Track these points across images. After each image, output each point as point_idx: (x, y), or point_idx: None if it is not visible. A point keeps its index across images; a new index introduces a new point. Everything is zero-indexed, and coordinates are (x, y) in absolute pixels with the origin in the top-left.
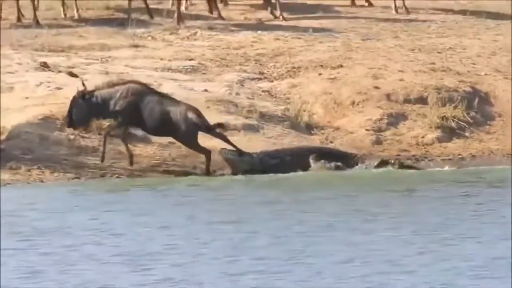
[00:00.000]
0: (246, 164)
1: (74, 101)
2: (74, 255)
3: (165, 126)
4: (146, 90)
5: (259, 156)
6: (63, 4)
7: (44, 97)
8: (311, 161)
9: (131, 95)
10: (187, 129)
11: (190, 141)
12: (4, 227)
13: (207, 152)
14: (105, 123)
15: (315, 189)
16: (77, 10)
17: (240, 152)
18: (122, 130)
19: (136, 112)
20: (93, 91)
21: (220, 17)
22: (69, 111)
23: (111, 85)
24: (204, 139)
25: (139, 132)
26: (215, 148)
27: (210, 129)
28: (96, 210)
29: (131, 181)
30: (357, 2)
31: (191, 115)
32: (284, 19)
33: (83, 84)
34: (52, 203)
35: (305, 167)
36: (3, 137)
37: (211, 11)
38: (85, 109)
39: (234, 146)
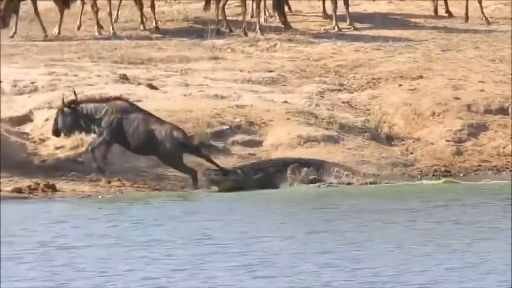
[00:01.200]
0: (232, 182)
1: (61, 110)
2: None
3: (149, 144)
4: (130, 108)
5: (243, 170)
6: (142, 16)
7: None
8: (288, 172)
9: (116, 112)
10: (172, 148)
11: (175, 161)
12: None
13: (193, 172)
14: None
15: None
16: (156, 22)
17: (224, 172)
18: (105, 146)
19: (120, 130)
20: (80, 102)
21: (287, 26)
22: (55, 120)
23: (97, 100)
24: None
25: (219, 143)
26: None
27: (196, 150)
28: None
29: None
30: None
31: (176, 134)
32: (339, 29)
33: (75, 94)
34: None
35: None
36: (83, 149)
37: (286, 26)
38: (71, 118)
39: (218, 166)
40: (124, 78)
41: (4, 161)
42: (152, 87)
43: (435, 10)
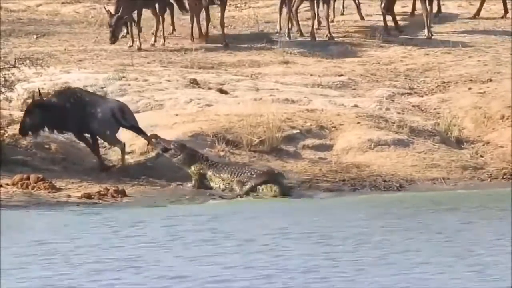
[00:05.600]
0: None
1: (28, 109)
2: None
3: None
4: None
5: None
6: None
7: (194, 114)
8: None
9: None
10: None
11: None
12: None
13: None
14: None
15: None
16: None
17: (164, 148)
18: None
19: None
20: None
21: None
22: (23, 120)
23: (56, 94)
24: None
25: (290, 148)
26: None
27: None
28: None
29: None
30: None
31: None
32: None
33: (40, 93)
34: None
35: None
36: (153, 154)
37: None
38: (39, 117)
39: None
40: (194, 83)
41: (74, 167)
42: (222, 91)
43: (505, 13)
